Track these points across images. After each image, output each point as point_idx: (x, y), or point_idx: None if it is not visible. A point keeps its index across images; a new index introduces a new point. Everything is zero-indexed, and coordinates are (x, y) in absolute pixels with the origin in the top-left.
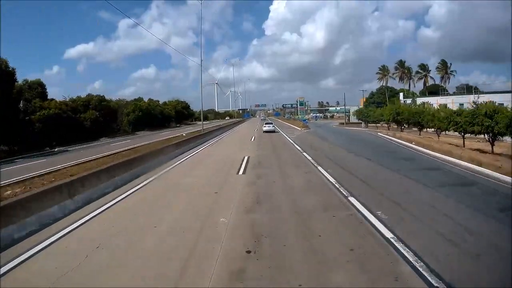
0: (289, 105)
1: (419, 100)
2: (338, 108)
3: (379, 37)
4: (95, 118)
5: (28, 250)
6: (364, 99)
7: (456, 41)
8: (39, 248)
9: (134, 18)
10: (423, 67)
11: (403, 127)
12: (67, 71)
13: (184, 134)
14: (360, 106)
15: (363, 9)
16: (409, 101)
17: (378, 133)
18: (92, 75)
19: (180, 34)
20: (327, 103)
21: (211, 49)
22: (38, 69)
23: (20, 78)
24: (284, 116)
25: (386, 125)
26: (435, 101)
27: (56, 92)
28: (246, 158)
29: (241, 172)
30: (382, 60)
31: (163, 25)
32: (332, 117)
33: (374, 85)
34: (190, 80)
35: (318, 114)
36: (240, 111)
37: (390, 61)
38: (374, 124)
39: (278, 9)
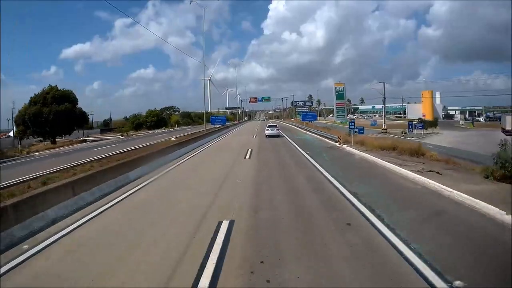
0: (301, 103)
1: None
2: (378, 107)
3: (379, 36)
4: None
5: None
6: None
7: (457, 40)
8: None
9: (130, 17)
10: None
11: None
12: (65, 72)
13: None
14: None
15: (364, 8)
16: None
17: None
18: (90, 75)
19: (177, 34)
20: (349, 100)
21: (210, 49)
22: (36, 69)
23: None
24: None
25: None
26: None
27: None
28: None
29: None
30: (382, 59)
31: (160, 25)
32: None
33: (373, 85)
34: (189, 80)
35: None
36: (239, 111)
37: (390, 60)
38: None
39: (277, 8)
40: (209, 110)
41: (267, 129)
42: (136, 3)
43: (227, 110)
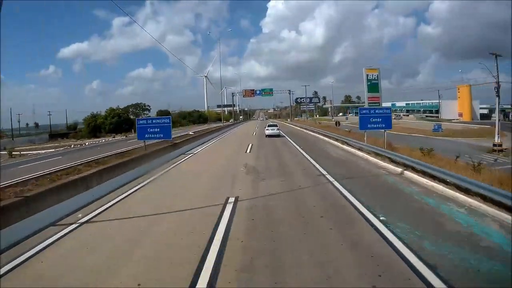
0: (307, 100)
1: None
2: (400, 104)
3: (379, 34)
4: None
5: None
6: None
7: (456, 38)
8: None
9: (128, 16)
10: None
11: None
12: (64, 71)
13: None
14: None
15: (363, 6)
16: None
17: None
18: (89, 74)
19: (176, 32)
20: (358, 97)
21: (209, 47)
22: (34, 69)
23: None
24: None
25: None
26: None
27: (55, 93)
28: None
29: None
30: (382, 57)
31: (158, 23)
32: None
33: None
34: (188, 79)
35: None
36: (236, 109)
37: (390, 58)
38: None
39: (276, 6)
40: (205, 109)
41: (267, 129)
42: (134, 2)
43: (225, 108)
